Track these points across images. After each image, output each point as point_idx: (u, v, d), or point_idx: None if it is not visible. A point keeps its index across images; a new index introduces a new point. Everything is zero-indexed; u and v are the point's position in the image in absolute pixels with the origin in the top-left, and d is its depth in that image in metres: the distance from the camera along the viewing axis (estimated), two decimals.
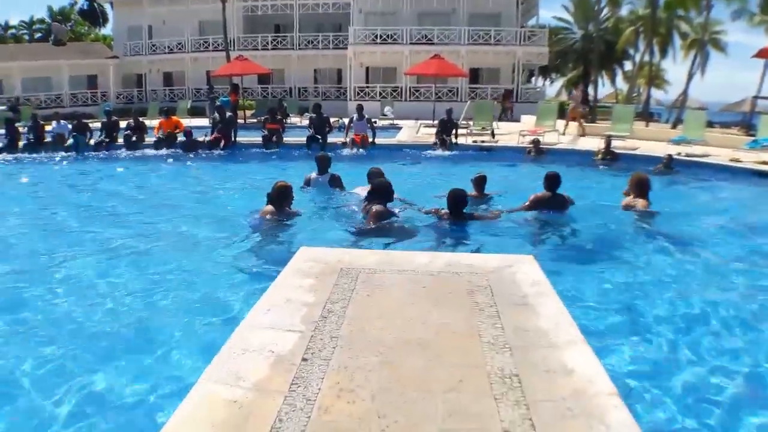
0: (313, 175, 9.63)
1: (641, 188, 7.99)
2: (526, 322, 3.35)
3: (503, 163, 14.49)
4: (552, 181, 7.75)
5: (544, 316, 3.42)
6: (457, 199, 7.04)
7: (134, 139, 16.94)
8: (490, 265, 4.31)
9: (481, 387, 2.66)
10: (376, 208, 6.89)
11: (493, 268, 4.26)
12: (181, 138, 16.87)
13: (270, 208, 7.00)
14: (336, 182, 9.48)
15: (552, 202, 7.77)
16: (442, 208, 7.21)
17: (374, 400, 2.56)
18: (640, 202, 7.91)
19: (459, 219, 7.08)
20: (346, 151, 15.80)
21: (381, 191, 7.10)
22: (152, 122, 18.76)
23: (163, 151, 16.29)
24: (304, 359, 2.91)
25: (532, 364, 2.86)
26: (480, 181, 8.73)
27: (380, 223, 6.83)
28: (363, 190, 8.21)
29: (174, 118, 17.77)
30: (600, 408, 2.48)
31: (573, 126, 20.26)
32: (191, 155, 15.89)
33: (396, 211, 7.20)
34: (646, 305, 5.18)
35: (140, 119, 18.42)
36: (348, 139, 16.32)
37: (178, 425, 2.40)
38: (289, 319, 3.38)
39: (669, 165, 12.35)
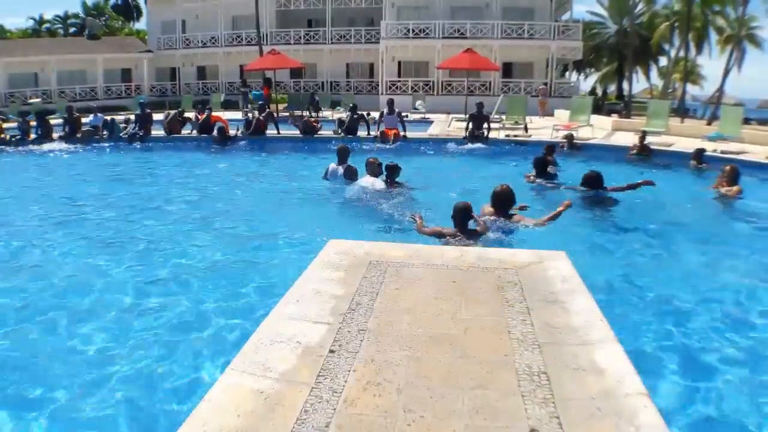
0: (332, 165, 9.88)
1: (734, 177, 9.07)
2: (557, 318, 3.31)
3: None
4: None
5: (575, 313, 3.38)
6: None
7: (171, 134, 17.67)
8: (520, 260, 4.26)
9: (509, 384, 2.63)
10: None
11: (524, 263, 4.21)
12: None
13: (490, 209, 6.74)
14: (350, 173, 9.64)
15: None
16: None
17: (401, 394, 2.55)
18: (734, 189, 8.96)
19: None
20: (377, 145, 15.81)
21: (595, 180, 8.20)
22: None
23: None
24: (331, 351, 2.91)
25: (561, 361, 2.83)
26: (392, 169, 8.93)
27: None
28: (366, 181, 8.73)
29: (214, 115, 18.56)
30: (629, 408, 2.44)
31: (607, 120, 20.13)
32: (228, 144, 16.54)
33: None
34: (681, 302, 5.10)
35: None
36: (378, 133, 16.37)
37: (204, 414, 2.42)
38: (317, 311, 3.39)
39: (699, 160, 12.09)
